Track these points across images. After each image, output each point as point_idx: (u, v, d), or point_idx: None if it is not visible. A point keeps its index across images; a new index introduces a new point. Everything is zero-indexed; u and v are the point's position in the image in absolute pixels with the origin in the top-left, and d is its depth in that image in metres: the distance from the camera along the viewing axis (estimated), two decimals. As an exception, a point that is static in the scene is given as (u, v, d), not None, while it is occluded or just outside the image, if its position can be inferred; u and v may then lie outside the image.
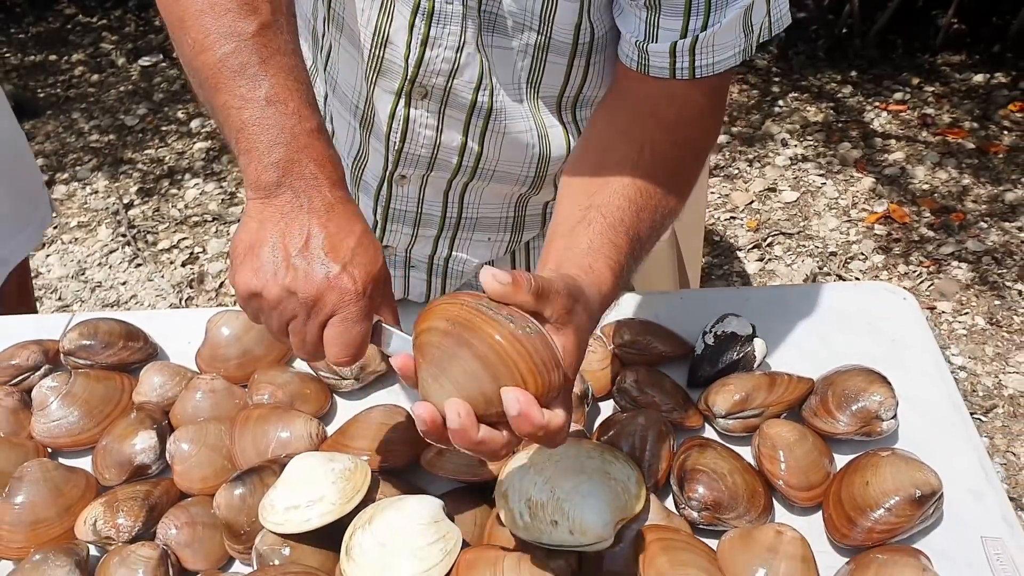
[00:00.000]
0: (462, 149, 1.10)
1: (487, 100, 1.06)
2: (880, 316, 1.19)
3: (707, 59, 0.95)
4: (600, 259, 0.85)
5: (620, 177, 0.92)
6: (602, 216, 0.88)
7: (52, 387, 1.09)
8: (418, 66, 1.03)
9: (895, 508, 0.90)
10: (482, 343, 0.72)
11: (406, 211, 1.18)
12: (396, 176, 1.14)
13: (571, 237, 0.87)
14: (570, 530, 0.85)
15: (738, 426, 1.02)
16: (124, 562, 0.91)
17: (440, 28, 1.01)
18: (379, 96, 1.08)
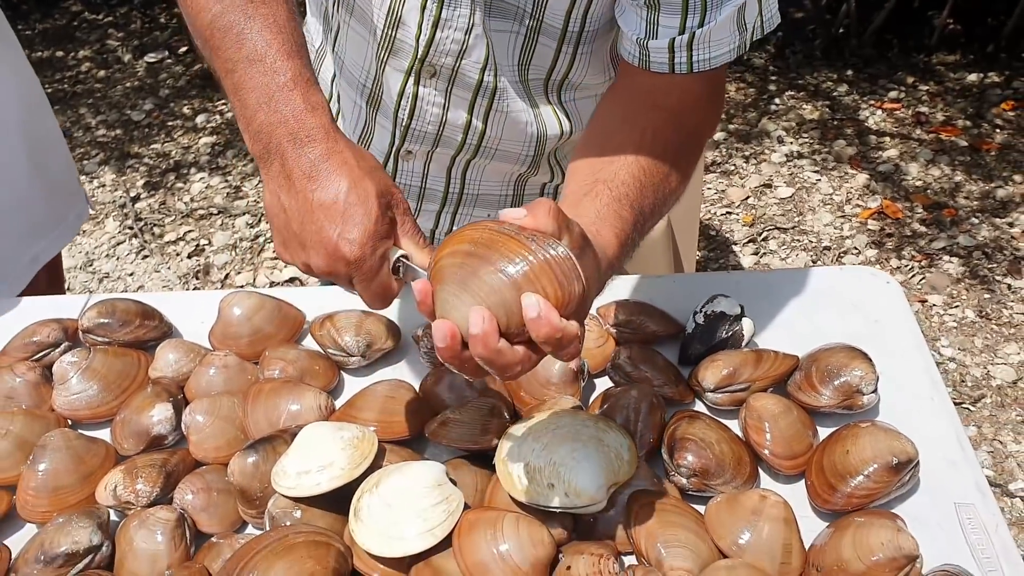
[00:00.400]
0: (467, 127, 1.16)
1: (492, 80, 1.12)
2: (864, 298, 1.24)
3: (704, 54, 1.00)
4: (606, 226, 0.90)
5: (624, 156, 0.97)
6: (608, 189, 0.93)
7: (72, 362, 1.14)
8: (428, 46, 1.09)
9: (873, 475, 0.95)
10: (503, 257, 0.73)
11: (410, 185, 1.23)
12: (403, 152, 1.19)
13: (578, 208, 0.91)
14: (565, 492, 0.90)
15: (726, 400, 1.07)
16: (144, 524, 0.96)
17: (451, 10, 1.07)
18: (389, 75, 1.13)
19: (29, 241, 1.61)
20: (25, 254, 1.61)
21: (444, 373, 1.11)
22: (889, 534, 0.88)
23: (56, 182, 1.67)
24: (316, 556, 0.88)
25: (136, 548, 0.95)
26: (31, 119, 1.59)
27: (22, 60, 1.59)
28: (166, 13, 4.70)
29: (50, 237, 1.65)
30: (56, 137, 1.68)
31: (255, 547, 0.88)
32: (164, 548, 0.95)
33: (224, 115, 3.90)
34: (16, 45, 1.58)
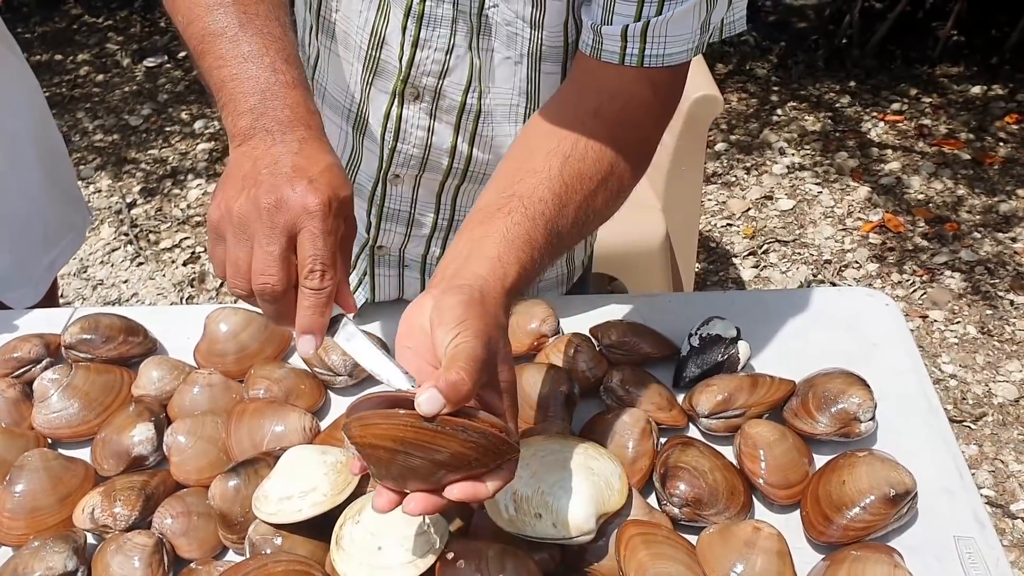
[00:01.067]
0: (452, 150, 1.13)
1: (476, 103, 1.10)
2: (862, 320, 1.21)
3: (657, 49, 0.95)
4: (512, 251, 0.85)
5: (548, 168, 0.92)
6: (523, 207, 0.88)
7: (53, 379, 1.12)
8: (410, 66, 1.07)
9: (870, 507, 0.92)
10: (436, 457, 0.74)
11: (399, 211, 1.21)
12: (390, 176, 1.17)
13: (488, 224, 0.88)
14: (553, 523, 0.88)
15: (720, 426, 1.05)
16: (120, 549, 0.94)
17: (429, 30, 1.05)
18: (374, 96, 1.12)
19: (45, 248, 1.62)
20: (42, 261, 1.62)
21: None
22: (886, 569, 0.85)
23: (65, 190, 1.68)
24: (296, 586, 0.86)
25: (112, 574, 0.92)
26: (41, 128, 1.61)
27: (27, 69, 1.60)
28: (165, 17, 4.68)
29: (62, 244, 1.67)
30: (61, 146, 1.70)
31: (234, 575, 0.86)
32: (141, 574, 0.92)
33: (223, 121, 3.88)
34: (20, 55, 1.59)
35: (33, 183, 1.58)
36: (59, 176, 1.66)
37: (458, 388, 0.72)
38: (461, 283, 0.81)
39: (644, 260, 2.08)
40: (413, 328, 0.80)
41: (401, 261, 1.28)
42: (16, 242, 1.56)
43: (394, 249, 1.26)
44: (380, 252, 1.26)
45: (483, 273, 0.83)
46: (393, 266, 1.28)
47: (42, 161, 1.59)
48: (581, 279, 1.41)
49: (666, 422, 1.06)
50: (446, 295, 0.79)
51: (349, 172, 1.21)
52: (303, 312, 0.80)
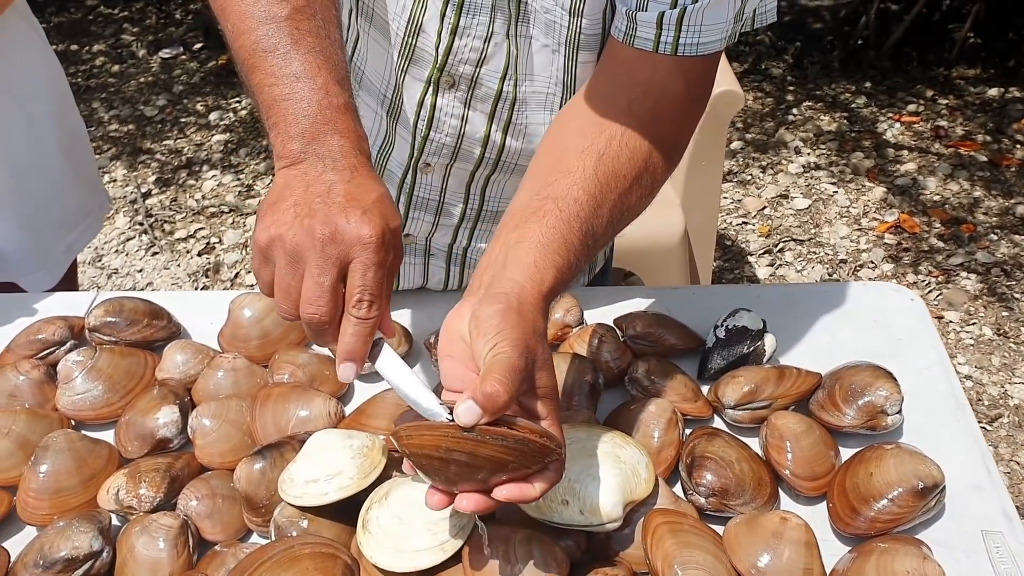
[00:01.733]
0: (485, 140, 1.13)
1: (511, 91, 1.09)
2: (887, 315, 1.21)
3: (692, 38, 0.94)
4: (548, 256, 0.86)
5: (583, 168, 0.92)
6: (558, 209, 0.88)
7: (77, 361, 1.12)
8: (447, 54, 1.06)
9: (898, 499, 0.92)
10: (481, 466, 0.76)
11: (428, 199, 1.21)
12: (421, 164, 1.16)
13: (524, 228, 0.88)
14: (580, 510, 0.88)
15: (746, 417, 1.04)
16: (146, 530, 0.94)
17: (469, 18, 1.04)
18: (409, 84, 1.11)
19: (63, 232, 1.63)
20: (59, 244, 1.62)
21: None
22: (915, 561, 0.85)
23: (84, 174, 1.68)
24: (323, 568, 0.86)
25: (137, 555, 0.92)
26: (62, 111, 1.61)
27: (50, 52, 1.60)
28: (181, 9, 4.70)
29: (80, 228, 1.67)
30: (82, 129, 1.70)
31: (260, 557, 0.86)
32: (166, 556, 0.92)
33: (238, 113, 3.89)
34: (44, 38, 1.59)
35: (53, 166, 1.58)
36: (79, 160, 1.66)
37: (494, 400, 0.74)
38: (498, 291, 0.82)
39: (662, 256, 2.08)
40: (453, 337, 0.82)
41: (427, 250, 1.27)
42: (34, 224, 1.56)
43: (420, 237, 1.26)
44: (407, 240, 1.26)
45: (520, 280, 0.83)
46: (419, 254, 1.28)
47: (62, 144, 1.59)
48: (602, 271, 1.40)
49: (691, 413, 1.05)
50: (484, 304, 0.80)
51: (380, 158, 1.21)
52: (347, 338, 0.81)
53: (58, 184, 1.60)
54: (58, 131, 1.59)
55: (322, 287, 0.79)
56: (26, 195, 1.54)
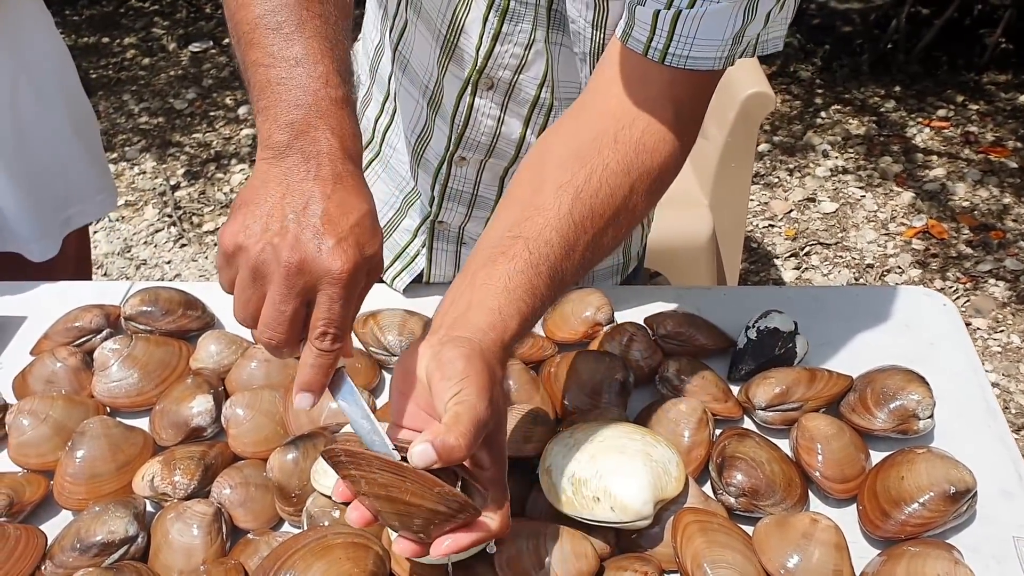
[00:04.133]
0: (520, 141, 1.14)
1: (548, 97, 1.10)
2: (919, 319, 1.21)
3: (683, 49, 0.91)
4: (512, 303, 0.83)
5: (558, 206, 0.88)
6: (527, 251, 0.85)
7: (114, 349, 1.13)
8: (487, 58, 1.07)
9: (929, 503, 0.92)
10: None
11: (462, 191, 1.21)
12: (456, 157, 1.17)
13: (491, 267, 0.85)
14: (611, 507, 0.88)
15: (777, 418, 1.04)
16: (180, 517, 0.95)
17: (512, 25, 1.04)
18: (449, 80, 1.12)
19: (63, 205, 1.64)
20: (58, 217, 1.64)
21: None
22: (946, 566, 0.85)
23: (92, 154, 1.70)
24: (354, 558, 0.86)
25: (172, 541, 0.94)
26: (68, 87, 1.63)
27: (54, 29, 1.62)
28: (211, 3, 4.73)
29: (82, 204, 1.68)
30: (89, 111, 1.72)
31: (293, 546, 0.87)
32: (200, 542, 0.93)
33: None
34: (49, 15, 1.61)
35: (61, 138, 1.60)
36: (87, 138, 1.68)
37: (452, 452, 0.72)
38: (461, 335, 0.80)
39: (690, 257, 2.08)
40: (409, 374, 0.81)
41: (460, 238, 1.28)
42: (37, 194, 1.58)
43: (454, 226, 1.26)
44: (440, 227, 1.26)
45: (483, 327, 0.81)
46: (452, 242, 1.28)
47: (70, 118, 1.62)
48: (634, 272, 1.41)
49: (721, 413, 1.06)
50: (446, 347, 0.78)
51: (419, 147, 1.22)
52: (306, 369, 0.78)
53: (64, 157, 1.62)
54: (66, 105, 1.61)
55: (283, 315, 0.75)
56: (32, 163, 1.56)
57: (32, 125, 1.55)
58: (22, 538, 0.94)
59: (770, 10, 0.92)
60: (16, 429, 1.05)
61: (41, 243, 1.61)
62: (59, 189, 1.63)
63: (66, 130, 1.61)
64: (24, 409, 1.06)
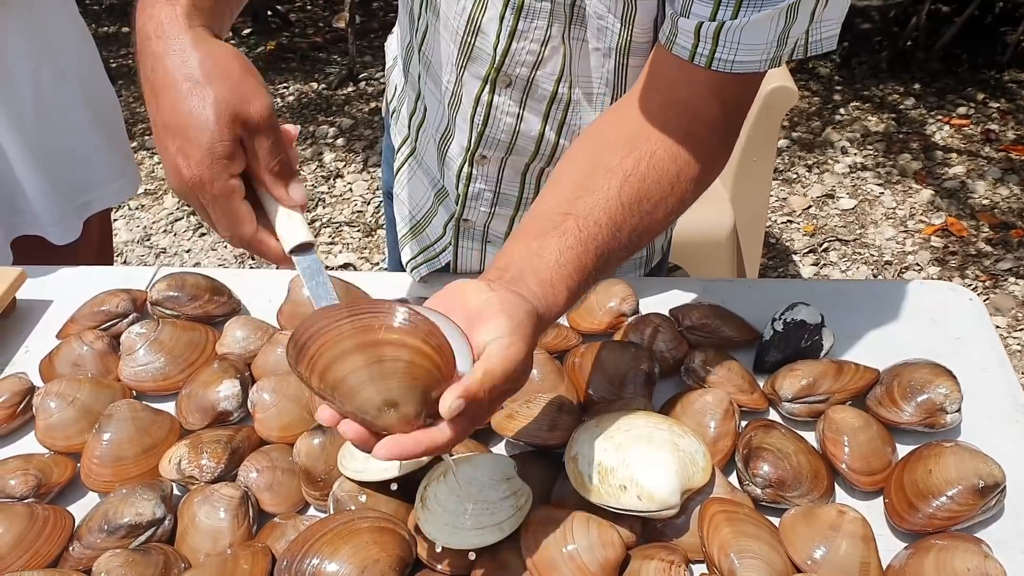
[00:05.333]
0: (539, 138, 1.14)
1: (567, 92, 1.10)
2: (945, 314, 1.20)
3: (728, 54, 0.92)
4: (563, 278, 0.85)
5: (607, 188, 0.90)
6: (578, 229, 0.87)
7: (140, 333, 1.14)
8: (504, 56, 1.08)
9: (957, 497, 0.91)
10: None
11: (484, 189, 1.22)
12: (477, 156, 1.18)
13: (543, 241, 0.87)
14: (638, 496, 0.88)
15: (803, 410, 1.04)
16: (207, 500, 0.95)
17: (528, 22, 1.05)
18: (467, 80, 1.13)
19: (83, 189, 1.65)
20: (77, 200, 1.65)
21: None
22: (976, 559, 0.85)
23: (113, 140, 1.71)
24: (381, 542, 0.87)
25: (199, 523, 0.94)
26: (89, 70, 1.64)
27: (78, 15, 1.63)
28: (232, -6, 4.72)
29: (101, 190, 1.69)
30: (112, 97, 1.73)
31: (320, 530, 0.87)
32: (227, 525, 0.94)
33: (285, 98, 3.92)
34: (72, 1, 1.61)
35: (81, 122, 1.61)
36: (108, 124, 1.69)
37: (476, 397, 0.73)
38: (523, 293, 0.81)
39: (710, 251, 2.07)
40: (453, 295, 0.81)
41: (484, 236, 1.29)
42: (57, 177, 1.59)
43: (479, 224, 1.27)
44: (465, 225, 1.27)
45: (538, 294, 0.83)
46: (477, 239, 1.29)
47: (90, 103, 1.63)
48: (658, 265, 1.41)
49: (747, 405, 1.05)
50: (512, 295, 0.79)
51: (442, 146, 1.23)
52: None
53: (84, 141, 1.63)
54: (87, 91, 1.62)
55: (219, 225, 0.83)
56: (53, 146, 1.57)
57: (53, 109, 1.56)
58: (50, 519, 0.95)
59: (813, 8, 0.92)
60: (43, 411, 1.06)
61: (61, 226, 1.63)
62: (79, 173, 1.64)
63: (86, 115, 1.62)
64: (52, 392, 1.07)
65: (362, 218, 3.22)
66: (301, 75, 4.14)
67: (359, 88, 4.00)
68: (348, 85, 4.02)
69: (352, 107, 3.87)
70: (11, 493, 0.98)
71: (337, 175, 3.44)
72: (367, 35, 4.40)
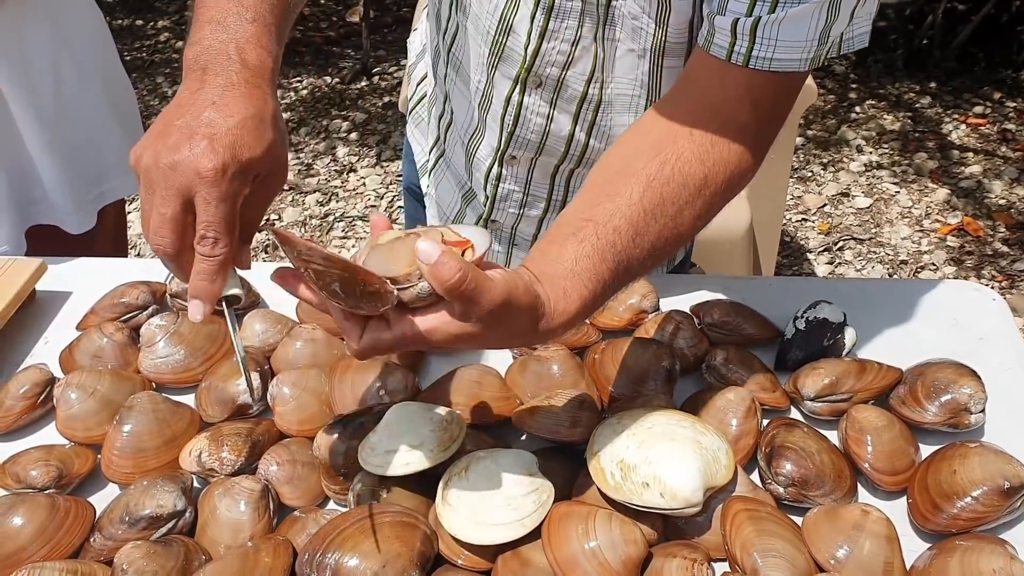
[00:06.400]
0: (569, 139, 1.14)
1: (597, 92, 1.10)
2: (967, 314, 1.19)
3: (767, 51, 0.91)
4: (576, 287, 0.82)
5: (629, 193, 0.88)
6: (596, 236, 0.85)
7: (160, 325, 1.14)
8: (535, 56, 1.08)
9: (982, 498, 0.91)
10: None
11: (513, 190, 1.22)
12: (507, 157, 1.18)
13: (561, 247, 0.85)
14: (661, 493, 0.88)
15: (825, 409, 1.03)
16: (228, 492, 0.95)
17: (558, 22, 1.05)
18: (498, 80, 1.13)
19: (98, 179, 1.66)
20: (92, 191, 1.66)
21: (530, 362, 1.09)
22: (1001, 561, 0.84)
23: (128, 130, 1.71)
24: (402, 537, 0.86)
25: (219, 516, 0.94)
26: (105, 59, 1.65)
27: (96, 6, 1.64)
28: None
29: (117, 180, 1.69)
30: (127, 85, 1.73)
31: (341, 524, 0.87)
32: (248, 518, 0.94)
33: (298, 92, 3.92)
34: None
35: (99, 111, 1.62)
36: (124, 113, 1.70)
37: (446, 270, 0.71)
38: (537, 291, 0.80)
39: (727, 249, 2.06)
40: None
41: (512, 239, 1.28)
42: (73, 167, 1.60)
43: (507, 226, 1.27)
44: (493, 227, 1.27)
45: (551, 297, 0.81)
46: (504, 243, 1.29)
47: (107, 91, 1.63)
48: (680, 263, 1.40)
49: (769, 403, 1.05)
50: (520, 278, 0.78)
51: (471, 147, 1.23)
52: (194, 276, 0.78)
53: (100, 131, 1.63)
54: (104, 81, 1.63)
55: (164, 217, 0.76)
56: (71, 136, 1.58)
57: (72, 99, 1.56)
58: (71, 510, 0.95)
59: (854, 7, 0.91)
60: (64, 402, 1.06)
61: (78, 215, 1.63)
62: (96, 163, 1.64)
63: (104, 105, 1.63)
64: (72, 383, 1.07)
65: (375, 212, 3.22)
66: (315, 69, 4.14)
67: (372, 82, 4.00)
68: (361, 79, 4.02)
69: (365, 101, 3.87)
70: (32, 483, 0.98)
71: (350, 169, 3.44)
72: (380, 30, 4.39)
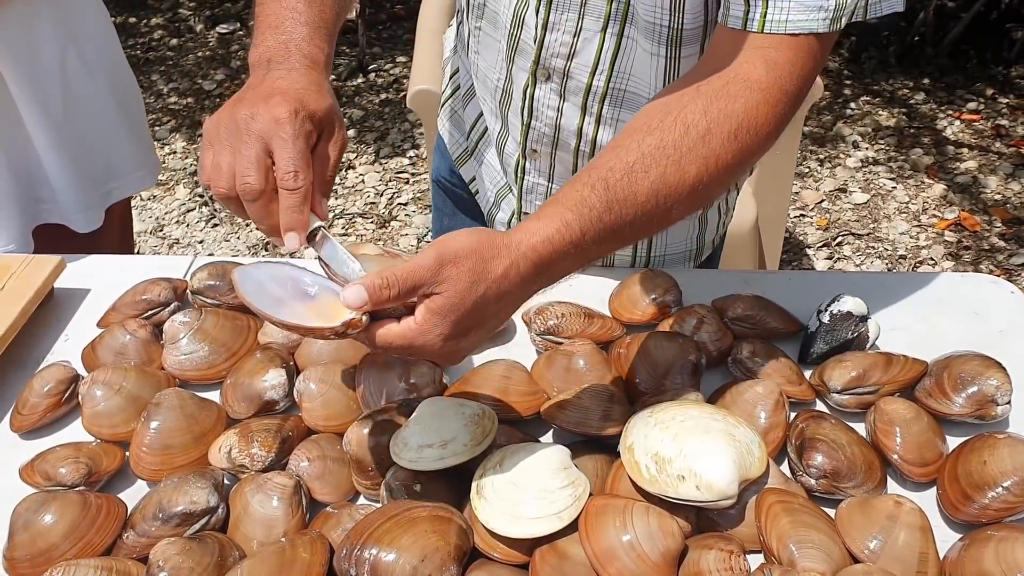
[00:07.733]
0: (579, 131, 1.16)
1: (602, 84, 1.11)
2: (987, 307, 1.20)
3: (781, 14, 0.90)
4: (556, 210, 0.85)
5: (630, 142, 0.89)
6: (587, 175, 0.88)
7: (184, 322, 1.13)
8: (540, 47, 1.11)
9: (1013, 488, 0.91)
10: None
11: (538, 183, 1.25)
12: (528, 150, 1.21)
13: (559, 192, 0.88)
14: (696, 486, 0.88)
15: (852, 402, 1.04)
16: (261, 488, 0.95)
17: (558, 14, 1.08)
18: (516, 74, 1.17)
19: (105, 177, 1.66)
20: (99, 189, 1.66)
21: (556, 356, 1.09)
22: (1036, 551, 0.85)
23: (135, 129, 1.71)
24: (439, 531, 0.86)
25: (252, 512, 0.94)
26: (113, 59, 1.65)
27: (102, 4, 1.63)
28: (238, -15, 4.71)
29: (124, 179, 1.70)
30: (134, 84, 1.73)
31: (379, 518, 0.87)
32: (281, 514, 0.93)
33: (294, 89, 3.89)
34: None
35: (107, 109, 1.62)
36: (131, 112, 1.70)
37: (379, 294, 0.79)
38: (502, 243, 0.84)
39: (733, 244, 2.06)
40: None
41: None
42: (81, 165, 1.60)
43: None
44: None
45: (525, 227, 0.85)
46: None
47: (115, 91, 1.64)
48: (708, 259, 1.40)
49: (795, 396, 1.05)
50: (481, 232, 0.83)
51: (497, 145, 1.26)
52: (283, 212, 0.87)
53: (107, 130, 1.63)
54: (110, 78, 1.62)
55: (248, 159, 0.86)
56: (78, 134, 1.58)
57: (79, 96, 1.56)
58: (103, 507, 0.95)
59: None
60: (90, 399, 1.06)
61: (85, 214, 1.63)
62: (103, 161, 1.64)
63: (111, 103, 1.63)
64: (98, 380, 1.06)
65: (375, 209, 3.21)
66: (310, 67, 4.12)
67: (369, 79, 3.99)
68: (358, 76, 4.01)
69: (362, 98, 3.86)
70: (62, 481, 0.97)
71: (349, 167, 3.43)
72: (376, 27, 4.38)
